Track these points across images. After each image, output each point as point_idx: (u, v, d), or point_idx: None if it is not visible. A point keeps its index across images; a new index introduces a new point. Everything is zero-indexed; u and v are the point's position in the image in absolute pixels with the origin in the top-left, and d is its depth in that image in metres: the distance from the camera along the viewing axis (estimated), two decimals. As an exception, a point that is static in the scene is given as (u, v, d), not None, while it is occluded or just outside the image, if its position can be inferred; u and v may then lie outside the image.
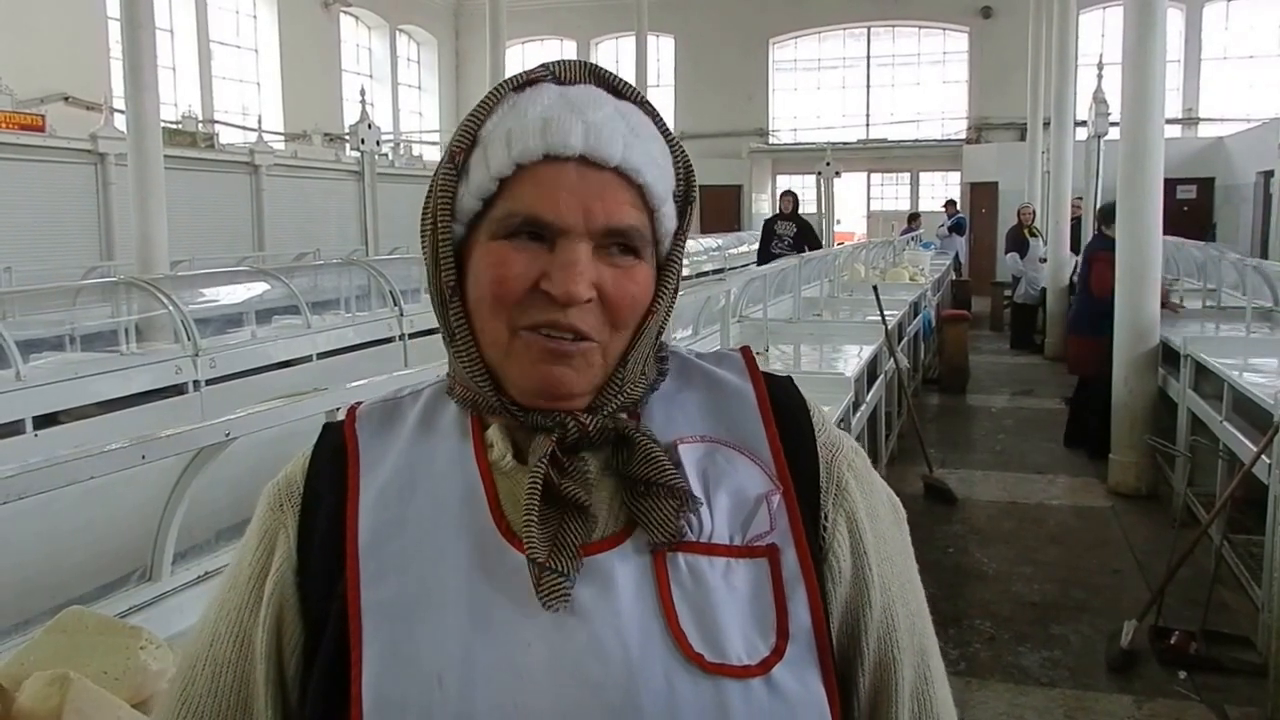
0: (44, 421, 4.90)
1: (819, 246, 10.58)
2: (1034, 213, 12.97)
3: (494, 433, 0.75)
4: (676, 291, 0.78)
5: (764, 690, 0.67)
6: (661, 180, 0.74)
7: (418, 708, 0.66)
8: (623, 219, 0.71)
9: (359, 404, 0.81)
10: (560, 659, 0.66)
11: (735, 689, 0.66)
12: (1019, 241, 12.02)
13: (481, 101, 0.74)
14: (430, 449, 0.76)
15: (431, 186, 0.75)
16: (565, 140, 0.70)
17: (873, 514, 0.78)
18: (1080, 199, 11.68)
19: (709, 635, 0.67)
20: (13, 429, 4.70)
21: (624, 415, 0.75)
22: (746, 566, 0.70)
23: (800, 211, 11.15)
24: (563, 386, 0.71)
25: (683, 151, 0.78)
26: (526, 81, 0.74)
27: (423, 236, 0.76)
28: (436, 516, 0.72)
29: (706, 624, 0.68)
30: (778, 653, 0.68)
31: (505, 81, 0.75)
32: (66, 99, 14.01)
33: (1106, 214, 6.99)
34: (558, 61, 0.75)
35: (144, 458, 1.67)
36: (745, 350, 0.83)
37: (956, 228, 16.45)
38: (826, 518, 0.75)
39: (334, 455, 0.77)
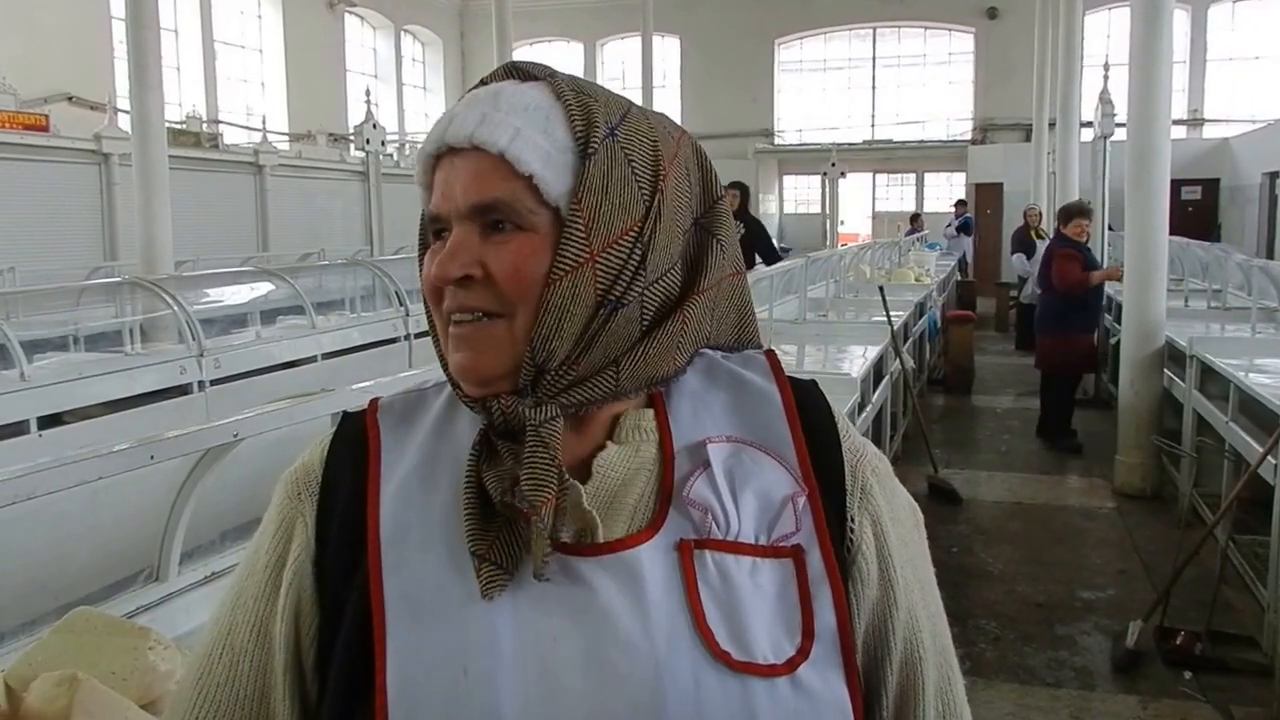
0: (48, 422, 4.90)
1: (773, 254, 8.17)
2: (1040, 214, 12.97)
3: None
4: (634, 266, 0.72)
5: (789, 690, 0.67)
6: (527, 144, 0.71)
7: (443, 699, 0.66)
8: (482, 193, 0.71)
9: (378, 397, 0.82)
10: (587, 653, 0.66)
11: (761, 688, 0.67)
12: (1025, 243, 12.00)
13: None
14: (455, 441, 0.76)
15: None
16: (434, 137, 0.75)
17: (895, 518, 0.79)
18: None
19: (736, 633, 0.68)
20: (17, 429, 4.70)
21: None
22: (772, 566, 0.71)
23: (758, 208, 9.23)
24: (470, 369, 0.73)
25: (586, 111, 0.73)
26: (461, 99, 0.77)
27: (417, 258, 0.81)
28: (459, 509, 0.72)
29: (733, 622, 0.68)
30: (803, 653, 0.69)
31: (457, 103, 0.78)
32: (70, 99, 14.02)
33: (1065, 215, 7.46)
34: (485, 77, 0.79)
35: (152, 458, 1.67)
36: (770, 353, 0.84)
37: (964, 227, 16.41)
38: (853, 520, 0.76)
39: (354, 444, 0.77)
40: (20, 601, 1.84)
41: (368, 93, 11.07)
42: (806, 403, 0.79)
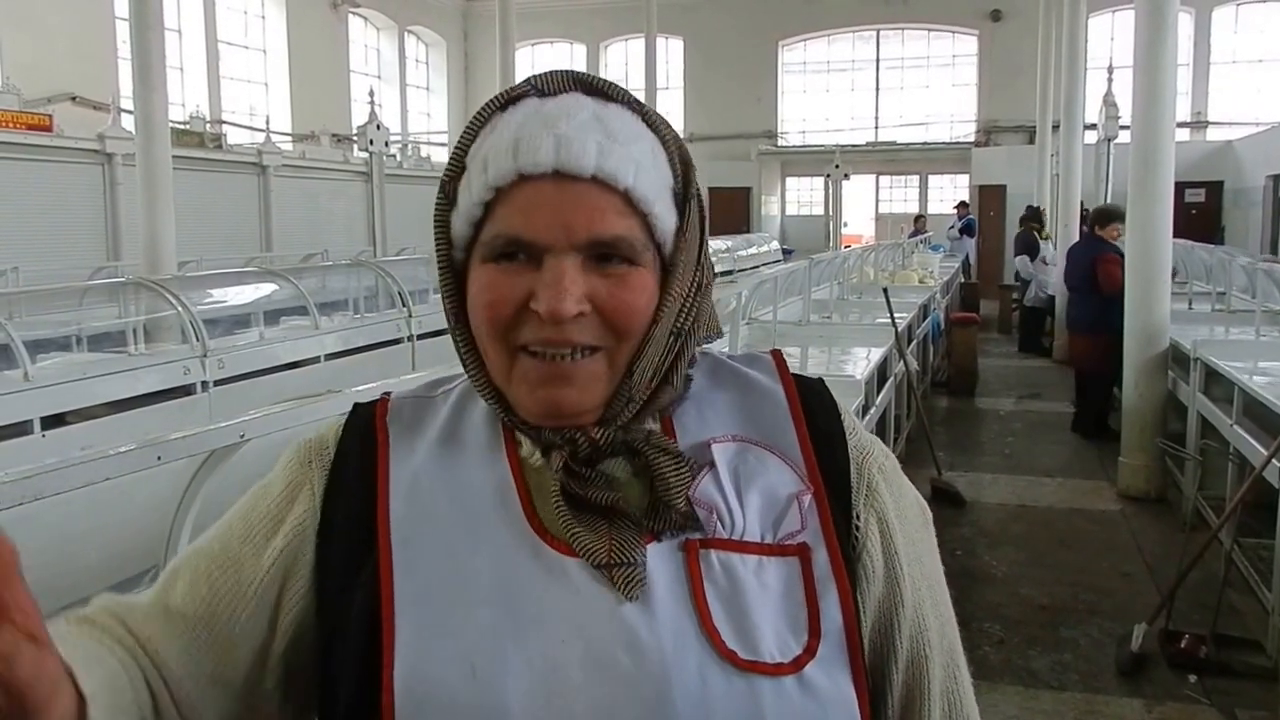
0: (51, 422, 4.91)
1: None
2: (1042, 214, 12.97)
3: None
4: (694, 293, 0.75)
5: (796, 688, 0.67)
6: (647, 181, 0.71)
7: (450, 696, 0.66)
8: (605, 229, 0.70)
9: (389, 394, 0.82)
10: (593, 653, 0.67)
11: (768, 686, 0.67)
12: (1030, 244, 12.00)
13: (468, 125, 0.74)
14: (462, 444, 0.76)
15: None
16: (534, 159, 0.69)
17: (902, 515, 0.78)
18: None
19: (742, 632, 0.68)
20: (21, 429, 4.71)
21: (650, 423, 0.76)
22: (778, 565, 0.71)
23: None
24: (565, 406, 0.71)
25: (680, 146, 0.76)
26: (510, 99, 0.74)
27: (436, 263, 0.78)
28: (469, 510, 0.73)
29: (739, 621, 0.68)
30: (809, 651, 0.69)
31: (492, 100, 0.75)
32: (74, 99, 14.05)
33: (1104, 218, 7.55)
34: (542, 73, 0.75)
35: (159, 459, 1.67)
36: (776, 353, 0.84)
37: (967, 229, 16.37)
38: (859, 518, 0.76)
39: (365, 436, 0.78)
40: (25, 602, 1.83)
41: (371, 93, 11.10)
42: (812, 401, 0.79)
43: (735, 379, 0.80)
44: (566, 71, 0.75)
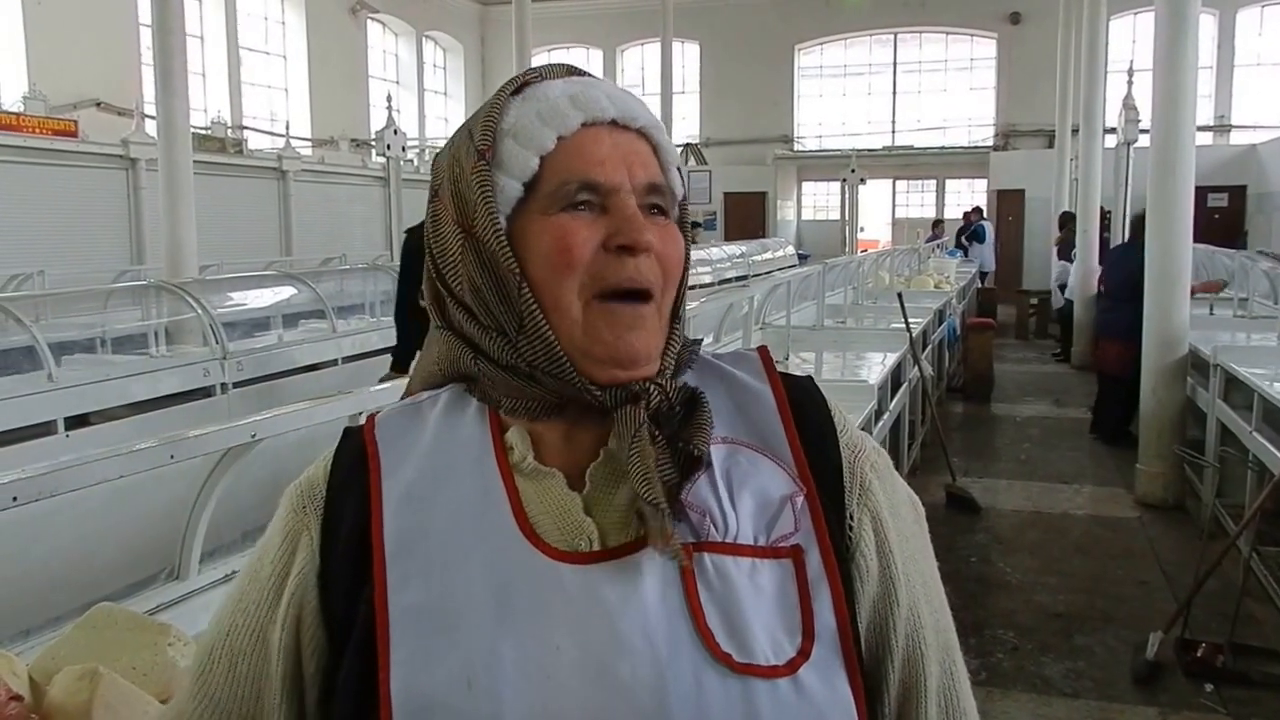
0: (75, 422, 4.98)
1: None
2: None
3: (514, 435, 0.76)
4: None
5: (791, 691, 0.67)
6: (669, 144, 0.78)
7: (447, 710, 0.67)
8: (657, 175, 0.75)
9: (377, 411, 0.82)
10: (589, 659, 0.67)
11: (763, 689, 0.67)
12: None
13: (489, 106, 0.76)
14: (451, 453, 0.76)
15: (456, 195, 0.75)
16: (599, 105, 0.74)
17: (895, 513, 0.78)
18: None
19: (736, 635, 0.68)
20: (45, 429, 4.78)
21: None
22: (771, 567, 0.71)
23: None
24: (641, 352, 0.73)
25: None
26: (522, 84, 0.77)
27: (442, 251, 0.77)
28: (460, 521, 0.72)
29: (733, 624, 0.68)
30: (804, 653, 0.69)
31: (500, 89, 0.78)
32: (98, 104, 14.20)
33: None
34: (540, 66, 0.79)
35: (172, 457, 1.70)
36: (762, 350, 0.84)
37: (974, 235, 16.16)
38: (852, 517, 0.76)
39: (355, 460, 0.77)
40: (44, 597, 1.87)
41: (389, 98, 11.14)
42: (801, 400, 0.79)
43: (722, 379, 0.80)
44: (561, 65, 0.79)
